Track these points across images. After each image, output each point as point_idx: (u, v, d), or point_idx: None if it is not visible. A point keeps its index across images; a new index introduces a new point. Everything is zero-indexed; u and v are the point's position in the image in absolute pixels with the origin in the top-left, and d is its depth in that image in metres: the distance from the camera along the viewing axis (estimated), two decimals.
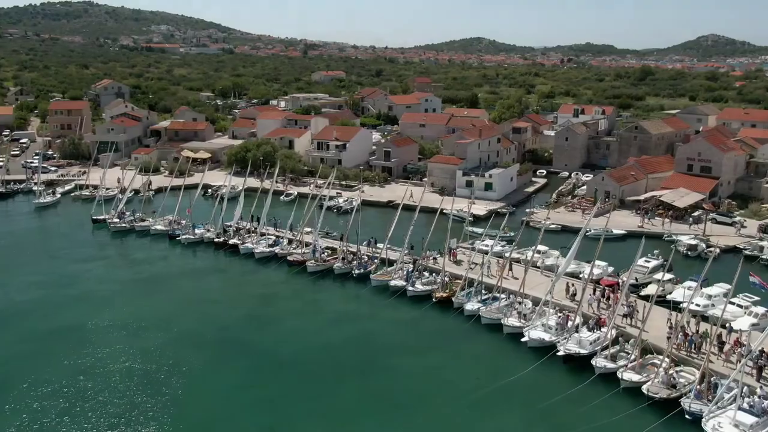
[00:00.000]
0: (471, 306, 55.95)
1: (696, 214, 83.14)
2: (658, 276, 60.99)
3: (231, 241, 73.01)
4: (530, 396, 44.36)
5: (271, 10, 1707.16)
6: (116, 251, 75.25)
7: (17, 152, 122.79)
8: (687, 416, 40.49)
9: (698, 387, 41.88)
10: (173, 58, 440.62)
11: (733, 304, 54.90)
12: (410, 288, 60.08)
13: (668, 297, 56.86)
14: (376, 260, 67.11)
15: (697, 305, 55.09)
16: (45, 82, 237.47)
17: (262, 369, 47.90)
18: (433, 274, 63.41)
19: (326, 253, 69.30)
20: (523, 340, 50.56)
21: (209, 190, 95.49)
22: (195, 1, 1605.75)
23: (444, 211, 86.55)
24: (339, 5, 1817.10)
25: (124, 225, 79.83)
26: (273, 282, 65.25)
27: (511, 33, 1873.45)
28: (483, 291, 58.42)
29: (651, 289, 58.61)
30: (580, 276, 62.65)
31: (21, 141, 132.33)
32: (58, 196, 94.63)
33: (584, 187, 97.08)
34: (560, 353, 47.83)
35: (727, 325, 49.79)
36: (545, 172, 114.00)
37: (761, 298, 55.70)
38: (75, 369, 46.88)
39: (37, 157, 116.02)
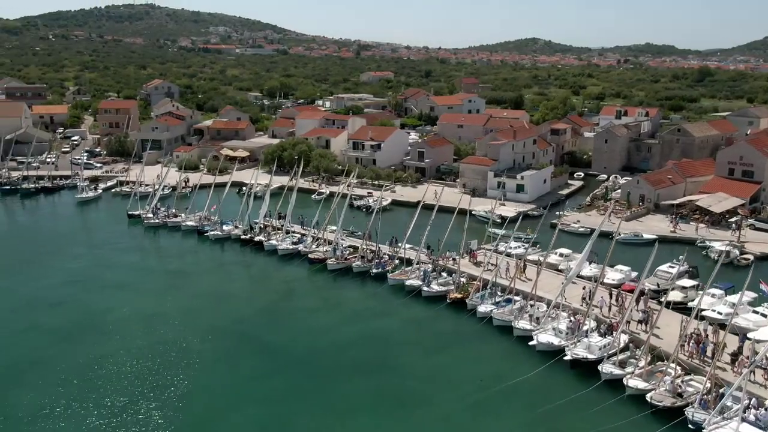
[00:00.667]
0: (484, 308, 55.64)
1: (733, 219, 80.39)
2: (681, 282, 59.47)
3: (256, 238, 74.40)
4: (533, 399, 43.87)
5: (326, 11, 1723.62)
6: (147, 245, 77.68)
7: (68, 149, 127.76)
8: (690, 425, 39.43)
9: (705, 396, 40.67)
10: (228, 58, 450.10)
11: (757, 313, 53.16)
12: (425, 288, 60.11)
13: (690, 304, 55.29)
14: (396, 260, 67.32)
15: (719, 313, 53.55)
16: (102, 82, 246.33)
17: (272, 363, 48.78)
18: (453, 275, 63.22)
19: (348, 252, 69.87)
20: (531, 343, 50.00)
21: (244, 188, 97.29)
22: (253, 3, 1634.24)
23: (472, 212, 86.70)
24: (393, 6, 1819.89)
25: (157, 220, 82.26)
26: (293, 279, 66.20)
27: (567, 33, 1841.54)
28: (499, 293, 57.97)
29: (673, 296, 57.10)
30: (602, 281, 61.61)
31: (72, 138, 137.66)
32: (100, 191, 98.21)
33: (620, 191, 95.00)
34: (567, 358, 47.12)
35: (747, 334, 48.21)
36: (583, 174, 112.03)
37: None
38: (92, 356, 48.71)
39: (85, 154, 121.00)
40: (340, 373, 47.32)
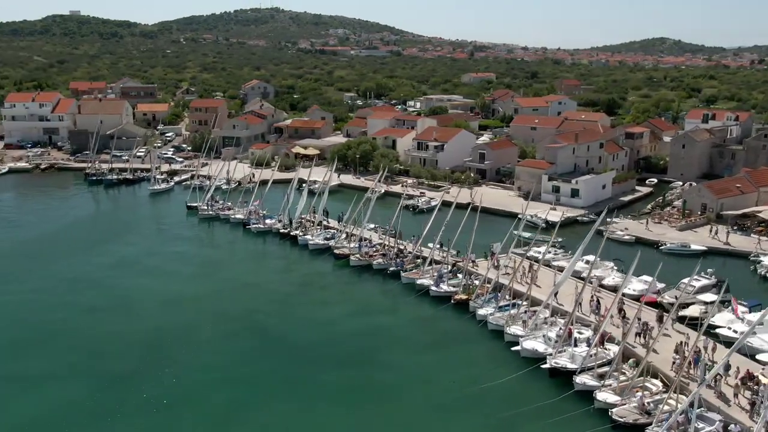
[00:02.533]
0: (483, 311, 55.14)
1: None
2: (704, 297, 55.97)
3: (292, 233, 77.22)
4: (500, 403, 43.37)
5: (444, 12, 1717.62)
6: (196, 235, 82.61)
7: (160, 144, 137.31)
8: None
9: (679, 419, 38.44)
10: (341, 60, 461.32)
11: None
12: (433, 288, 60.29)
13: (710, 320, 51.89)
14: (417, 258, 67.71)
15: (735, 331, 50.09)
16: (214, 82, 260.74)
17: (266, 349, 51.31)
18: (471, 276, 62.87)
19: (375, 249, 71.02)
20: (513, 349, 49.15)
21: (303, 185, 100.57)
22: (372, 5, 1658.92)
23: (519, 215, 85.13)
24: (514, 6, 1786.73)
25: (210, 212, 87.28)
26: (316, 272, 68.37)
27: (700, 32, 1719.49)
28: (507, 297, 57.09)
29: (691, 311, 53.86)
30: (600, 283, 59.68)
31: (166, 134, 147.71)
32: (172, 183, 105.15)
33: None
34: (544, 366, 45.96)
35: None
36: (656, 180, 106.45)
37: None
38: (107, 330, 53.40)
39: (171, 149, 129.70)
40: (326, 364, 48.82)
